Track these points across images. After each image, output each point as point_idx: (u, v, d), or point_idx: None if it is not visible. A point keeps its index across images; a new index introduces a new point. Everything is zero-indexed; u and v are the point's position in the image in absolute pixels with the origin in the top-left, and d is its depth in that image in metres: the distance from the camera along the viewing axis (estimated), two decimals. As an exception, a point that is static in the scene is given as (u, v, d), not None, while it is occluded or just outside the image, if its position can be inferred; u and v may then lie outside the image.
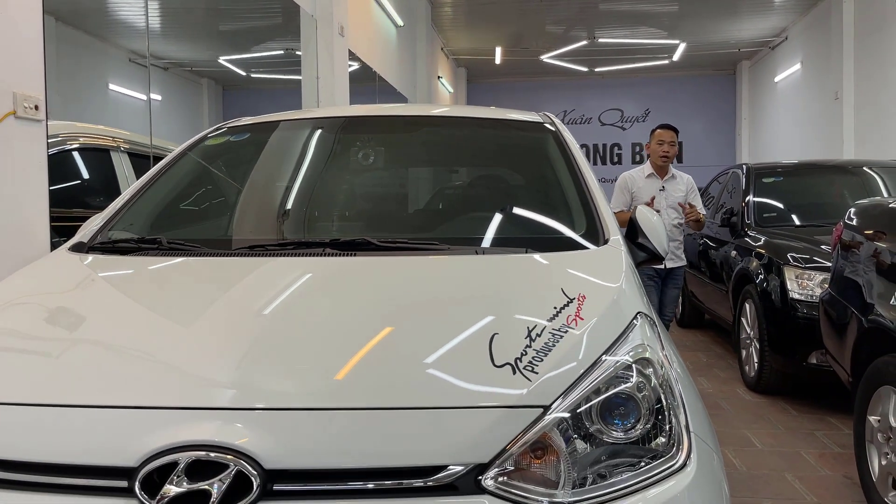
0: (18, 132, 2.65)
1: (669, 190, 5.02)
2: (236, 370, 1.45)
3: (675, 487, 1.38)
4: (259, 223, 2.56)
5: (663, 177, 5.05)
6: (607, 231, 2.16)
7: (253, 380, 1.43)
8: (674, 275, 5.06)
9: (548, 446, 1.37)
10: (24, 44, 2.66)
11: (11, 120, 2.61)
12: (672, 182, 5.07)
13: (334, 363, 1.47)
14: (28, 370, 1.53)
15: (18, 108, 2.63)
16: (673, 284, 5.07)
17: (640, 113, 18.70)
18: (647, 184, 5.04)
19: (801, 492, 3.39)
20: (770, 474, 3.63)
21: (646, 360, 1.54)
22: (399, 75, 10.98)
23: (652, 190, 5.00)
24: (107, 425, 1.35)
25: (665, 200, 5.00)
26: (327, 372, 1.44)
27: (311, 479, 1.29)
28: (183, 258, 2.06)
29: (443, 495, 1.29)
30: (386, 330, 1.58)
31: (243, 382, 1.42)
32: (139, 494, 1.26)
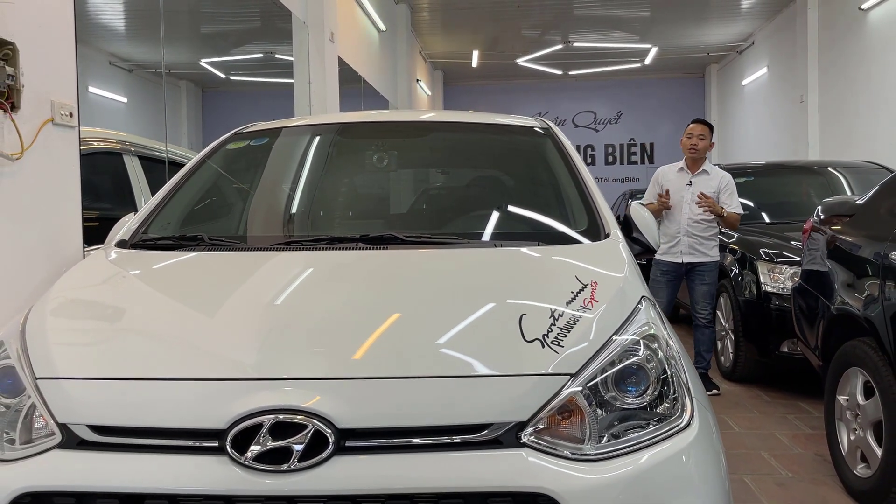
0: (56, 138, 2.82)
1: (698, 185, 4.99)
2: (307, 345, 1.68)
3: (682, 442, 1.63)
4: (290, 221, 2.77)
5: (695, 171, 5.05)
6: (607, 226, 2.41)
7: (323, 353, 1.66)
8: (699, 270, 4.99)
9: (574, 408, 1.61)
10: (58, 54, 2.83)
11: (49, 126, 2.78)
12: (703, 178, 5.03)
13: (392, 340, 1.71)
14: (118, 350, 1.73)
15: (56, 115, 2.80)
16: (700, 280, 5.01)
17: (613, 115, 19.10)
18: (676, 177, 5.06)
19: (777, 467, 3.68)
20: (747, 453, 3.91)
21: (652, 336, 1.79)
22: (381, 79, 11.19)
23: (680, 184, 5.02)
24: (199, 394, 1.56)
25: (691, 195, 4.98)
26: (387, 347, 1.68)
27: (377, 436, 1.52)
28: (227, 252, 2.27)
29: (489, 448, 1.52)
30: (431, 313, 1.82)
31: (314, 355, 1.65)
32: (230, 452, 1.47)
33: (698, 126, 5.11)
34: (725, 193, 4.99)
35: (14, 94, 2.61)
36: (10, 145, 2.60)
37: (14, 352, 1.75)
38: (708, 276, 5.00)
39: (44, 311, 1.90)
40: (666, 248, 5.00)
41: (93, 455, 1.53)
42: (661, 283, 5.05)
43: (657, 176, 5.20)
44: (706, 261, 4.99)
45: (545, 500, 1.47)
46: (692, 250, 4.97)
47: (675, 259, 5.01)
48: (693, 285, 5.04)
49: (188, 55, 14.08)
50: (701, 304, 5.04)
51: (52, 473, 1.51)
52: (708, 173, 5.06)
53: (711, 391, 4.90)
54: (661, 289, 5.05)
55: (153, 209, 2.61)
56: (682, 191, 5.01)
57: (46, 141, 2.77)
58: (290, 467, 1.46)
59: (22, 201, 2.69)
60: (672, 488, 1.58)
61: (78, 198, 2.96)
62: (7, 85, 2.56)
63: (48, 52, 2.80)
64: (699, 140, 5.02)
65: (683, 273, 5.02)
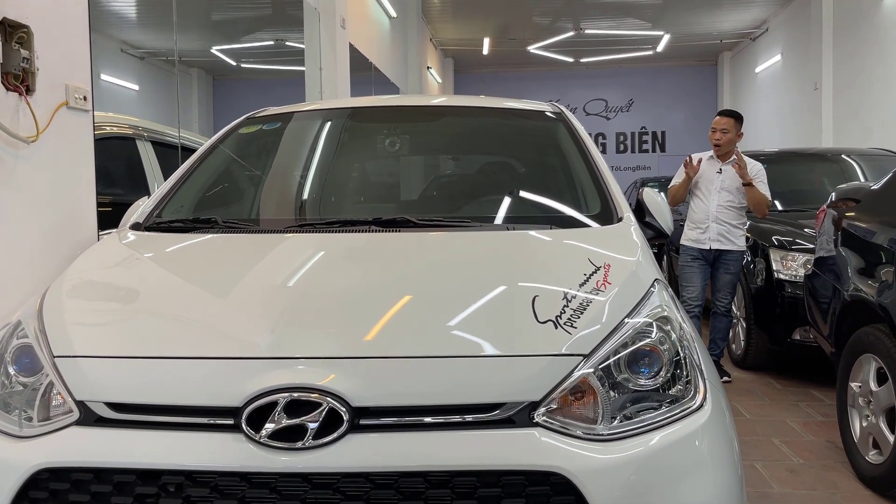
0: (70, 121, 2.84)
1: (727, 173, 4.93)
2: (322, 324, 1.69)
3: (694, 424, 1.63)
4: (303, 204, 2.79)
5: (724, 160, 4.98)
6: (620, 210, 2.41)
7: (338, 332, 1.67)
8: (725, 259, 4.94)
9: (586, 389, 1.61)
10: (73, 38, 2.84)
11: (64, 110, 2.79)
12: (732, 167, 4.95)
13: (406, 320, 1.72)
14: (134, 329, 1.75)
15: (70, 99, 2.81)
16: (724, 269, 4.95)
17: (624, 103, 19.01)
18: (706, 165, 5.01)
19: (788, 454, 3.68)
20: (759, 440, 3.91)
21: (665, 318, 1.79)
22: (392, 66, 11.18)
23: (710, 171, 4.98)
24: (214, 373, 1.58)
25: (721, 183, 4.93)
26: (403, 326, 1.69)
27: (391, 414, 1.53)
28: (241, 235, 2.29)
29: (501, 427, 1.53)
30: (445, 294, 1.83)
31: (330, 335, 1.66)
32: (245, 429, 1.49)
33: (722, 119, 5.01)
34: (756, 182, 4.92)
35: (29, 77, 2.63)
36: (26, 128, 2.62)
37: (31, 331, 1.77)
38: (733, 265, 4.96)
39: (60, 291, 1.92)
40: (696, 234, 4.98)
41: (110, 432, 1.55)
42: (693, 269, 5.00)
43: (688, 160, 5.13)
44: (733, 249, 4.93)
45: (558, 478, 1.48)
46: (720, 237, 4.91)
47: (703, 246, 4.96)
48: (717, 273, 4.99)
49: (199, 43, 14.09)
50: (722, 292, 5.00)
51: (70, 450, 1.54)
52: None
53: (722, 378, 4.87)
54: (693, 274, 5.00)
55: (167, 192, 2.62)
56: (712, 178, 4.95)
57: (61, 124, 2.78)
58: (305, 445, 1.47)
59: (37, 184, 2.71)
60: (684, 469, 1.59)
61: (92, 181, 2.97)
62: (22, 68, 2.58)
63: (62, 36, 2.81)
64: (722, 134, 4.94)
65: (711, 260, 4.98)
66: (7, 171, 2.55)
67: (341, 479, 1.46)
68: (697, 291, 4.96)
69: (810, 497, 3.18)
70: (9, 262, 2.58)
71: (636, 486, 1.52)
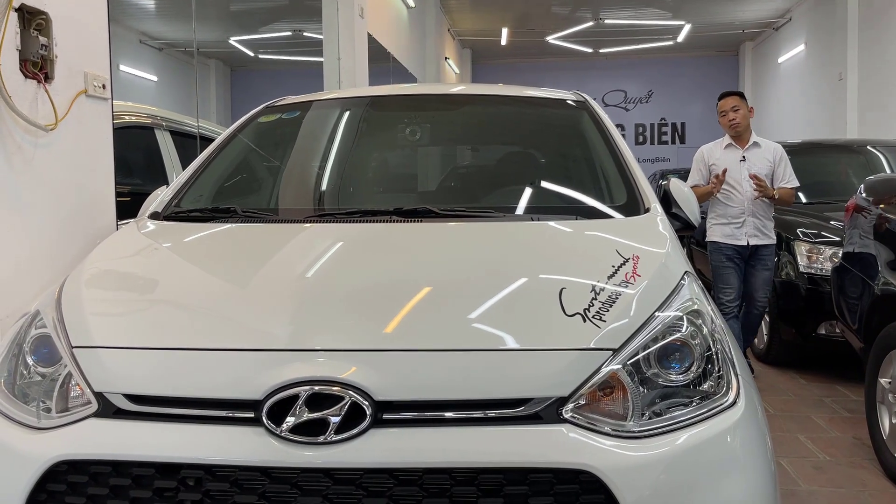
0: (89, 109, 2.81)
1: (752, 159, 4.56)
2: (345, 317, 1.65)
3: (728, 421, 1.58)
4: (323, 194, 2.75)
5: (744, 146, 4.59)
6: (647, 200, 2.35)
7: (361, 325, 1.62)
8: (760, 254, 4.58)
9: (616, 384, 1.56)
10: (92, 27, 2.81)
11: (83, 98, 2.77)
12: (755, 151, 4.60)
13: (430, 312, 1.67)
14: (154, 320, 1.72)
15: (89, 87, 2.79)
16: (761, 265, 4.59)
17: (644, 94, 18.82)
18: (725, 155, 4.61)
19: (814, 451, 3.61)
20: (784, 436, 3.84)
21: (696, 311, 1.73)
22: (410, 56, 11.11)
23: (732, 161, 4.56)
24: (235, 365, 1.54)
25: (747, 171, 4.52)
26: (426, 319, 1.65)
27: (415, 409, 1.48)
28: (260, 225, 2.25)
29: (529, 424, 1.48)
30: (470, 285, 1.78)
31: (353, 327, 1.61)
32: (266, 423, 1.45)
33: (728, 99, 4.66)
34: (781, 166, 4.58)
35: (48, 64, 2.60)
36: (45, 116, 2.60)
37: (50, 321, 1.75)
38: (769, 260, 4.62)
39: (79, 281, 1.90)
40: (730, 230, 4.57)
41: (129, 424, 1.52)
42: (729, 269, 4.60)
43: (702, 155, 4.74)
44: (769, 243, 4.59)
45: (587, 476, 1.43)
46: (757, 231, 4.55)
47: (739, 242, 4.56)
48: (753, 270, 4.60)
49: (217, 33, 14.11)
50: (761, 291, 4.62)
51: (89, 442, 1.51)
52: (759, 145, 4.62)
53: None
54: (730, 274, 4.61)
55: (186, 181, 2.59)
56: (737, 168, 4.55)
57: (80, 112, 2.76)
58: (327, 439, 1.43)
59: (56, 172, 2.69)
60: (717, 468, 1.53)
61: (111, 170, 2.95)
62: (40, 55, 2.55)
63: (81, 23, 2.79)
64: (735, 113, 4.58)
65: (747, 256, 4.59)
66: (26, 159, 2.53)
67: (364, 475, 1.42)
68: (736, 292, 4.62)
69: (838, 495, 3.11)
70: (27, 251, 2.56)
71: (668, 484, 1.47)
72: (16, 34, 2.44)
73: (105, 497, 1.47)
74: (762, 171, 4.51)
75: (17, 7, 2.45)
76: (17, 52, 2.47)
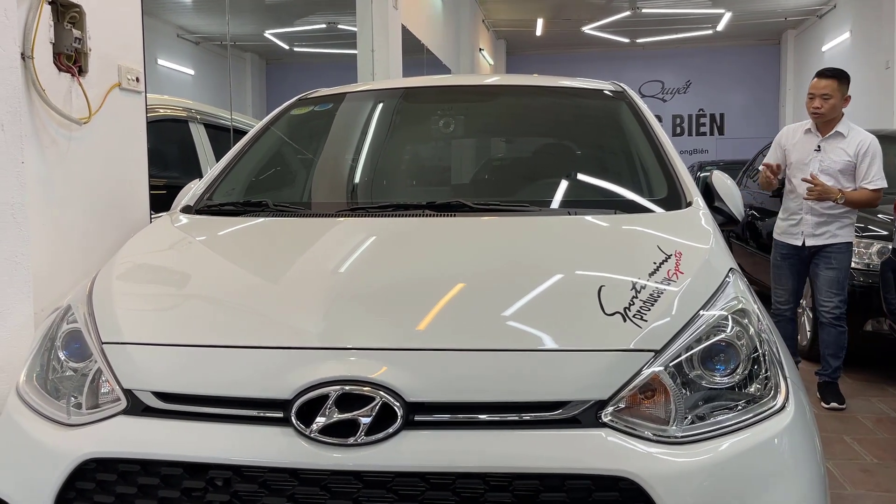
0: (122, 102, 2.81)
1: (828, 151, 3.97)
2: (376, 316, 1.60)
3: (776, 427, 1.50)
4: (357, 188, 2.71)
5: (825, 134, 4.00)
6: (688, 194, 2.26)
7: (392, 324, 1.58)
8: (825, 252, 3.99)
9: (658, 387, 1.49)
10: (126, 20, 2.81)
11: (117, 91, 2.77)
12: (835, 142, 3.97)
13: (464, 311, 1.61)
14: (184, 316, 1.70)
15: (122, 80, 2.79)
16: (825, 264, 4.00)
17: (682, 84, 18.49)
18: (802, 140, 4.07)
19: (861, 453, 3.48)
20: (829, 437, 3.71)
21: (742, 311, 1.65)
22: (444, 48, 11.05)
23: (806, 148, 4.04)
24: (264, 363, 1.51)
25: (819, 164, 3.97)
26: (459, 318, 1.59)
27: (448, 411, 1.43)
28: (293, 219, 2.22)
29: (567, 427, 1.42)
30: (504, 283, 1.72)
31: (384, 326, 1.57)
32: (295, 423, 1.41)
33: (822, 82, 3.98)
34: (864, 161, 3.88)
35: (81, 57, 2.60)
36: (78, 109, 2.60)
37: (81, 316, 1.73)
38: (836, 259, 3.97)
39: (110, 275, 1.88)
40: (785, 226, 4.14)
41: (157, 422, 1.50)
42: (783, 269, 4.19)
43: (780, 138, 4.22)
44: (834, 242, 3.97)
45: (627, 483, 1.36)
46: (817, 231, 3.99)
47: (794, 241, 4.08)
48: (816, 270, 4.05)
49: (253, 27, 14.18)
50: (825, 292, 4.01)
51: (117, 440, 1.49)
52: (843, 136, 3.96)
53: (830, 403, 4.11)
54: (783, 274, 4.20)
55: (218, 175, 2.57)
56: (807, 157, 3.99)
57: (113, 106, 2.76)
58: (357, 441, 1.39)
59: (90, 165, 2.69)
60: (765, 476, 1.46)
61: (145, 163, 2.96)
62: (74, 48, 2.55)
63: (115, 17, 2.79)
64: (823, 101, 3.94)
65: (808, 256, 4.07)
66: (60, 153, 2.54)
67: (395, 478, 1.38)
68: (787, 295, 4.20)
69: (887, 499, 3.00)
70: (61, 244, 2.57)
71: (712, 492, 1.40)
72: (49, 27, 2.44)
73: (134, 496, 1.45)
74: (835, 167, 3.93)
75: (51, 0, 2.45)
76: (51, 46, 2.47)
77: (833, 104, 3.93)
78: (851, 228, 4.03)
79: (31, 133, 2.35)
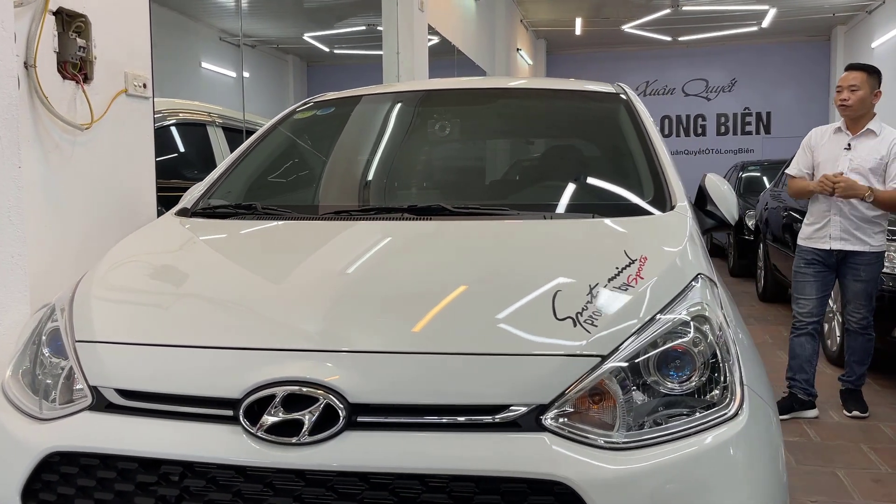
0: (129, 108, 2.91)
1: (858, 149, 3.79)
2: (325, 318, 1.64)
3: (725, 434, 1.48)
4: (343, 191, 2.76)
5: (856, 132, 3.84)
6: (674, 198, 2.24)
7: (340, 326, 1.61)
8: (853, 262, 3.81)
9: (605, 393, 1.49)
10: (133, 27, 2.91)
11: (123, 97, 2.87)
12: (866, 140, 3.81)
13: (412, 313, 1.64)
14: (150, 316, 1.76)
15: (129, 86, 2.89)
16: (853, 275, 3.83)
17: (727, 83, 18.09)
18: (831, 140, 3.89)
19: (876, 462, 3.39)
20: (845, 445, 3.62)
21: (703, 317, 1.64)
22: (477, 48, 11.04)
23: (836, 147, 3.86)
24: (216, 363, 1.56)
25: (849, 162, 3.79)
26: (406, 321, 1.62)
27: (389, 413, 1.46)
28: (275, 222, 2.28)
29: (507, 431, 1.44)
30: (459, 286, 1.73)
31: (331, 328, 1.61)
32: (242, 422, 1.46)
33: (850, 74, 3.87)
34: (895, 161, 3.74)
35: (87, 65, 2.70)
36: (83, 115, 2.70)
37: (61, 315, 1.81)
38: (864, 270, 3.80)
39: (92, 277, 1.96)
40: (811, 230, 3.91)
41: (118, 418, 1.56)
42: (807, 277, 3.93)
43: (809, 139, 4.03)
44: (864, 250, 3.78)
45: (562, 489, 1.37)
46: (846, 235, 3.79)
47: (821, 245, 3.86)
48: (845, 280, 3.88)
49: (294, 30, 14.40)
50: (853, 304, 3.90)
51: (80, 435, 1.55)
52: (875, 133, 3.80)
53: (852, 412, 4.01)
54: (807, 283, 3.93)
55: (217, 178, 2.64)
56: (836, 157, 3.82)
57: (119, 111, 2.86)
58: (300, 440, 1.42)
59: (95, 170, 2.79)
60: (711, 484, 1.45)
61: (152, 166, 3.05)
62: (79, 57, 2.65)
63: (122, 25, 2.88)
64: (851, 93, 3.79)
65: (835, 263, 3.88)
66: (63, 157, 2.64)
67: (336, 478, 1.41)
68: (811, 306, 3.93)
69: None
70: (64, 246, 2.67)
71: (651, 499, 1.40)
72: (53, 37, 2.55)
73: (93, 489, 1.51)
74: (866, 164, 3.75)
75: (56, 10, 2.55)
76: (55, 55, 2.57)
77: (861, 97, 3.78)
78: (883, 235, 3.84)
79: (33, 138, 2.46)
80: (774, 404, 1.74)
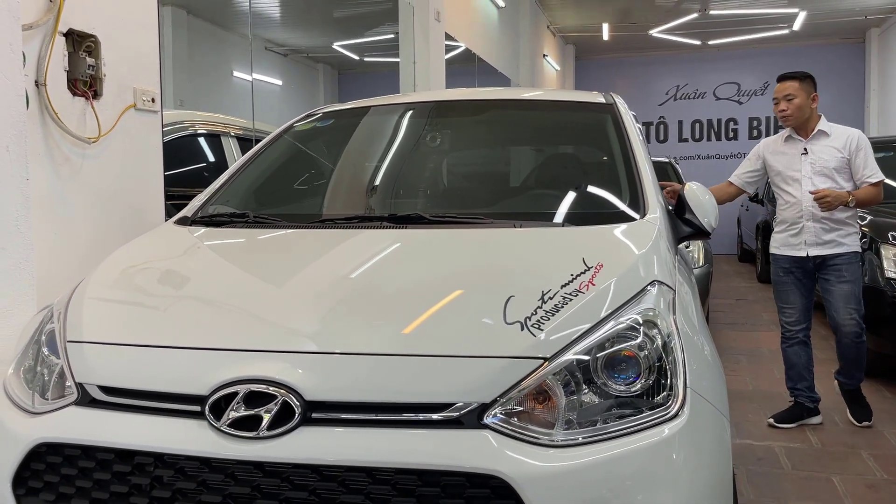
0: (137, 122, 3.07)
1: (816, 152, 3.80)
2: (289, 321, 1.76)
3: (663, 433, 1.55)
4: (331, 201, 2.88)
5: (807, 136, 3.86)
6: (647, 207, 2.30)
7: (301, 328, 1.73)
8: (834, 263, 3.78)
9: (547, 393, 1.58)
10: (142, 45, 3.07)
11: (132, 112, 3.03)
12: (820, 142, 3.82)
13: (369, 317, 1.75)
14: (133, 318, 1.90)
15: (138, 101, 3.05)
16: (836, 277, 3.78)
17: (759, 86, 17.85)
18: (786, 148, 3.90)
19: (873, 468, 3.39)
20: (844, 451, 3.62)
21: (651, 322, 1.71)
22: (500, 56, 11.11)
23: (792, 154, 3.87)
24: (188, 362, 1.69)
25: (811, 166, 3.80)
26: (362, 324, 1.73)
27: (342, 410, 1.57)
28: (261, 230, 2.40)
29: (450, 428, 1.53)
30: (419, 292, 1.84)
31: (293, 330, 1.72)
32: (208, 417, 1.58)
33: (782, 84, 3.90)
34: (858, 157, 3.75)
35: (97, 82, 2.86)
36: (92, 130, 2.86)
37: (58, 317, 1.96)
38: (847, 270, 3.77)
39: (88, 281, 2.10)
40: (784, 237, 3.91)
41: (99, 413, 1.69)
42: (787, 285, 3.93)
43: (759, 149, 4.05)
44: (841, 252, 3.78)
45: (498, 482, 1.46)
46: (821, 240, 3.79)
47: (797, 252, 3.86)
48: (827, 286, 3.82)
49: (324, 39, 14.64)
50: (843, 310, 3.79)
51: (64, 427, 1.69)
52: (827, 134, 3.82)
53: (862, 423, 3.97)
54: (790, 291, 3.93)
55: (217, 188, 2.78)
56: (797, 163, 3.82)
57: (128, 125, 3.02)
58: (259, 435, 1.53)
59: (104, 182, 2.95)
60: (647, 482, 1.51)
61: (160, 178, 3.20)
62: (89, 75, 2.81)
63: (131, 44, 3.05)
64: (788, 103, 3.82)
65: (813, 269, 3.87)
66: (73, 170, 2.80)
67: (290, 470, 1.52)
68: (798, 314, 3.93)
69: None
70: (74, 256, 2.82)
71: (586, 495, 1.48)
72: (63, 57, 2.71)
73: (74, 477, 1.64)
74: (829, 164, 3.76)
75: (66, 32, 2.72)
76: (66, 73, 2.74)
77: (798, 104, 3.81)
78: (857, 237, 3.86)
79: (44, 152, 2.62)
80: (726, 411, 1.80)
